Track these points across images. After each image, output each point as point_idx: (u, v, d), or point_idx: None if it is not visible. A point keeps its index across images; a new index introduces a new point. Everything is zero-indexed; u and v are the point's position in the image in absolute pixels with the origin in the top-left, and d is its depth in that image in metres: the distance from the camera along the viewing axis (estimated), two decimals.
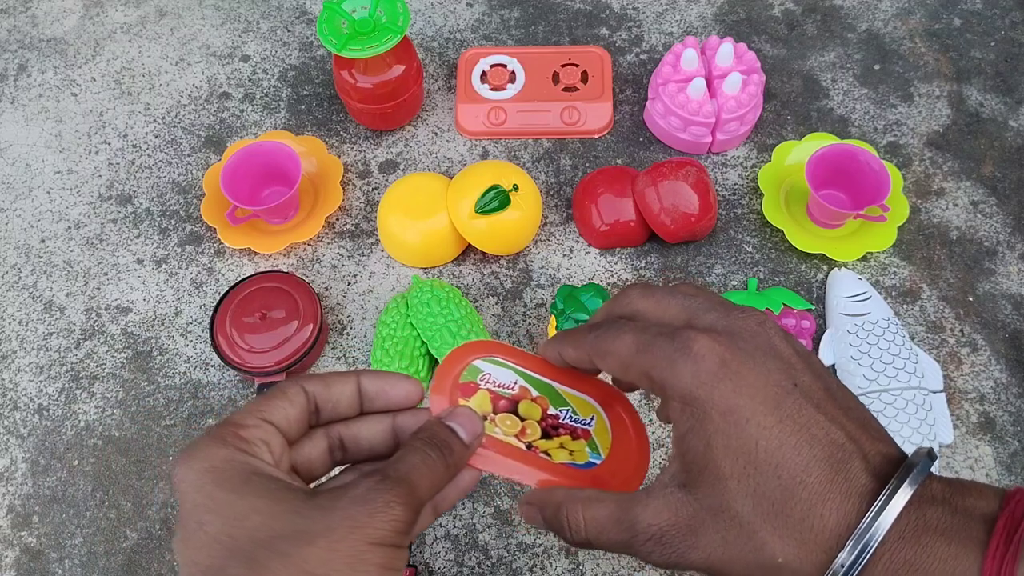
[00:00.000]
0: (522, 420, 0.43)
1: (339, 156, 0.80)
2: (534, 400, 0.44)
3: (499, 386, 0.43)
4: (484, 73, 0.82)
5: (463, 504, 0.64)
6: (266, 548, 0.28)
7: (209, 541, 0.29)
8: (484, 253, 0.74)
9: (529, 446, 0.42)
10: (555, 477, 0.41)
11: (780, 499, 0.29)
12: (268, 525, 0.29)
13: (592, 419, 0.44)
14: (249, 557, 0.28)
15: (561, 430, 0.43)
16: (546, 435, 0.42)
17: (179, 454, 0.31)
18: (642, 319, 0.36)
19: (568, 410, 0.44)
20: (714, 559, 0.31)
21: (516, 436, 0.42)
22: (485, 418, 0.42)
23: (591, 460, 0.42)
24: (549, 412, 0.43)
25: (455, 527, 0.63)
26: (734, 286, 0.72)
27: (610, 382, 0.44)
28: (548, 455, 0.42)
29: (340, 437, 0.36)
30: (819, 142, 0.74)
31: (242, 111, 0.83)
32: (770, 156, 0.76)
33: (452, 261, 0.74)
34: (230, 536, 0.29)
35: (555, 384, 0.44)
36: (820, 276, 0.72)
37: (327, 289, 0.74)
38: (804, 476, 0.29)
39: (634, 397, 0.65)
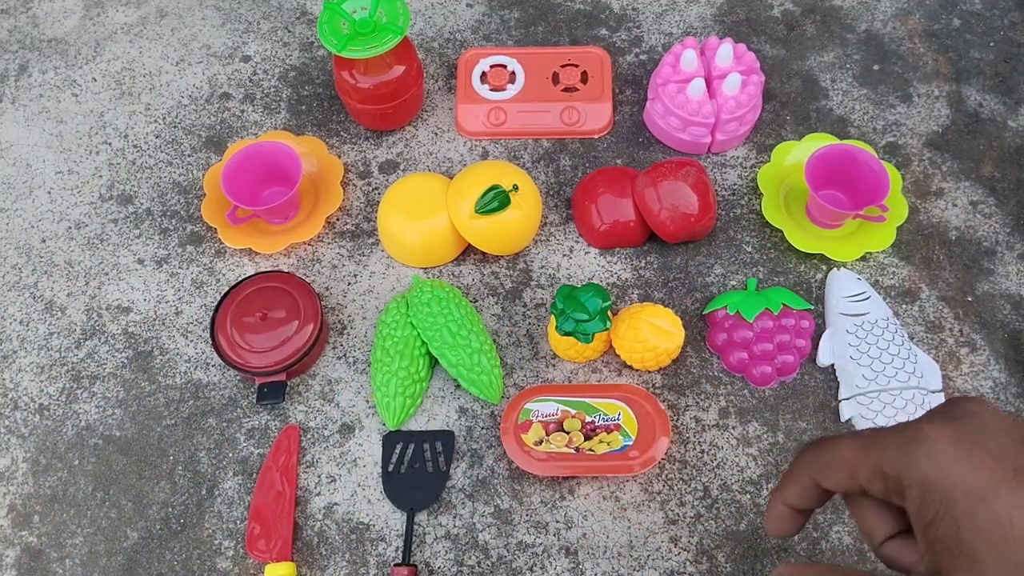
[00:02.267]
0: (568, 433, 0.63)
1: (339, 156, 0.80)
2: (574, 416, 0.64)
3: (546, 416, 0.64)
4: (484, 73, 0.82)
5: (463, 504, 0.64)
6: None
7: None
8: (484, 253, 0.74)
9: (577, 449, 0.63)
10: (601, 464, 0.61)
11: None
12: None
13: (619, 415, 0.64)
14: None
15: (598, 430, 0.63)
16: (588, 437, 0.63)
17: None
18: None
19: (599, 414, 0.64)
20: None
21: (566, 445, 0.63)
22: (541, 441, 0.63)
23: (624, 444, 0.63)
24: (586, 420, 0.64)
25: (455, 527, 0.64)
26: (733, 286, 0.72)
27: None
28: (593, 451, 0.63)
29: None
30: (818, 142, 0.74)
31: (243, 111, 0.84)
32: (769, 156, 0.77)
33: (452, 261, 0.75)
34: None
35: (586, 399, 0.65)
36: (819, 276, 0.72)
37: (327, 289, 0.74)
38: None
39: (655, 382, 0.65)
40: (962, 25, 0.86)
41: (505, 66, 0.82)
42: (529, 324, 0.72)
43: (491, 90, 0.81)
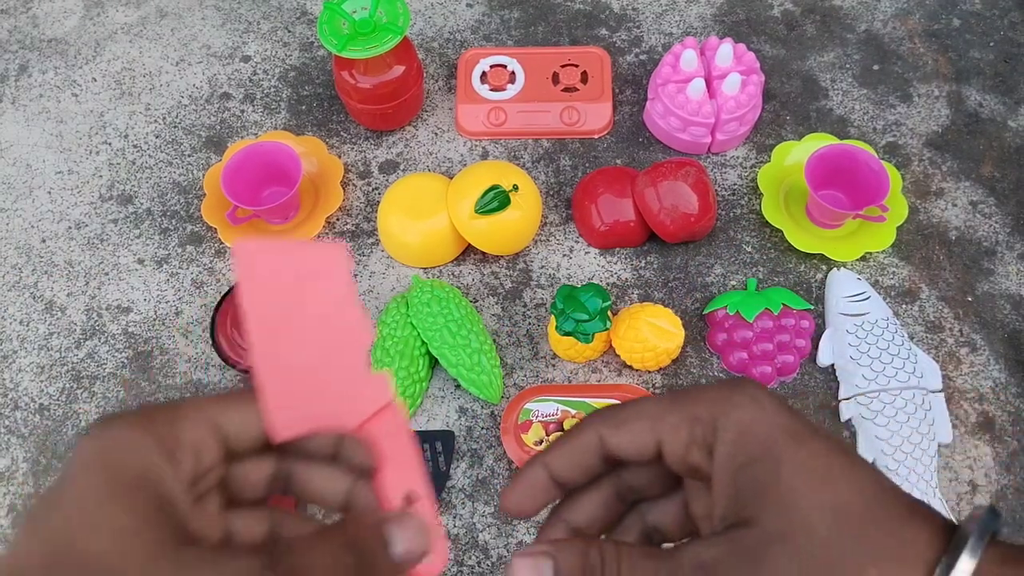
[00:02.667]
0: None
1: (339, 156, 0.80)
2: (574, 416, 0.63)
3: (546, 416, 0.64)
4: (484, 73, 0.82)
5: (463, 504, 0.64)
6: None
7: (47, 537, 0.24)
8: (484, 253, 0.74)
9: None
10: None
11: (864, 512, 0.25)
12: (113, 555, 0.23)
13: None
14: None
15: None
16: None
17: (99, 419, 0.26)
18: None
19: None
20: None
21: None
22: (541, 441, 0.62)
23: None
24: None
25: (455, 527, 0.64)
26: (733, 286, 0.72)
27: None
28: None
29: (290, 472, 0.30)
30: (818, 142, 0.74)
31: (243, 111, 0.84)
32: (769, 156, 0.77)
33: (452, 261, 0.75)
34: (69, 545, 0.23)
35: (586, 399, 0.65)
36: (819, 276, 0.72)
37: None
38: (886, 498, 0.26)
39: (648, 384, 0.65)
40: (962, 25, 0.86)
41: (505, 66, 0.82)
42: (529, 324, 0.72)
43: (491, 90, 0.81)
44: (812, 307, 0.70)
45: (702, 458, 0.28)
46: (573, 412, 0.64)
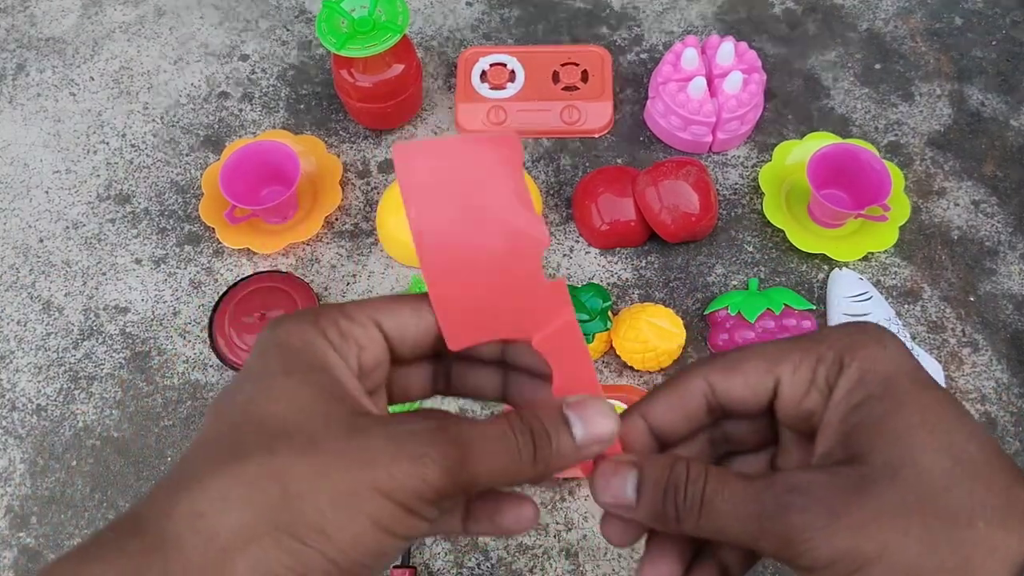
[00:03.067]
0: None
1: (338, 155, 0.79)
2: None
3: None
4: (484, 72, 0.81)
5: None
6: (263, 437, 0.24)
7: (229, 410, 0.25)
8: None
9: None
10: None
11: (982, 466, 0.25)
12: (285, 418, 0.24)
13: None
14: (239, 440, 0.24)
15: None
16: None
17: (273, 319, 0.28)
18: None
19: None
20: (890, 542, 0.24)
21: None
22: None
23: None
24: None
25: None
26: (735, 286, 0.72)
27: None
28: None
29: (448, 372, 0.31)
30: (820, 141, 0.74)
31: (241, 110, 0.83)
32: (771, 155, 0.76)
33: None
34: (246, 412, 0.25)
35: None
36: (821, 276, 0.72)
37: (326, 289, 0.73)
38: (1001, 457, 0.25)
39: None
40: (964, 24, 0.85)
41: (505, 65, 0.82)
42: None
43: (491, 89, 0.80)
44: (814, 307, 0.70)
45: (818, 402, 0.27)
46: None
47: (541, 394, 0.30)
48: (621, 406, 0.63)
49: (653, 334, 0.64)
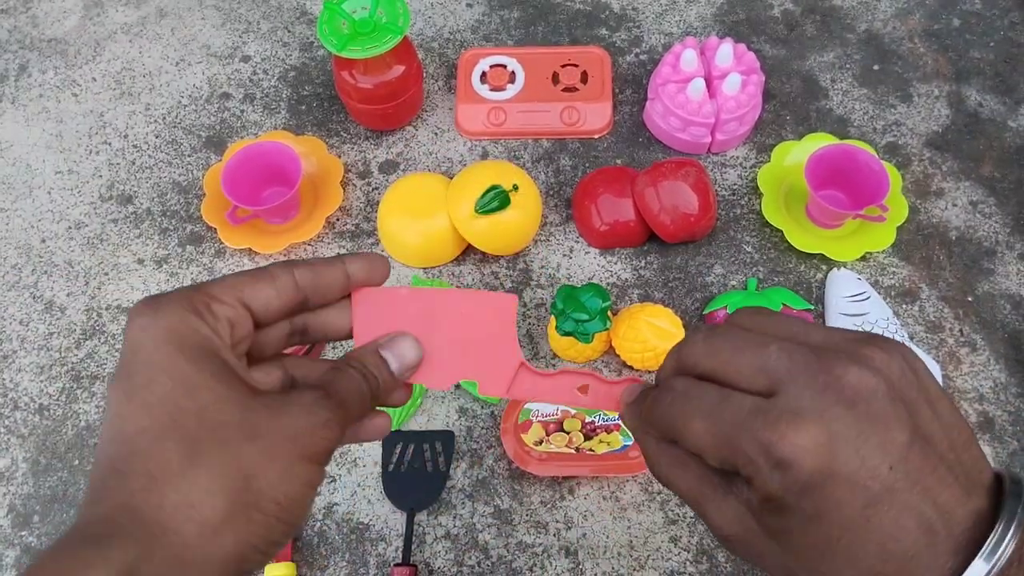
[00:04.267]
0: (568, 433, 0.63)
1: (339, 156, 0.80)
2: (573, 416, 0.63)
3: (546, 416, 0.64)
4: (484, 73, 0.82)
5: (463, 504, 0.64)
6: (208, 431, 0.28)
7: (155, 403, 0.28)
8: (484, 253, 0.74)
9: (578, 449, 0.63)
10: (602, 463, 0.61)
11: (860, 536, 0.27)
12: (217, 408, 0.29)
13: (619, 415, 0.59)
14: (189, 435, 0.28)
15: (598, 430, 0.63)
16: (588, 437, 0.63)
17: (141, 304, 0.30)
18: (713, 380, 0.30)
19: (599, 414, 0.64)
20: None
21: (566, 445, 0.63)
22: (541, 441, 0.62)
23: (624, 443, 0.63)
24: (586, 421, 0.63)
25: (455, 527, 0.64)
26: (733, 286, 0.72)
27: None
28: (593, 451, 0.62)
29: (305, 324, 0.36)
30: (818, 142, 0.74)
31: (242, 111, 0.84)
32: (769, 156, 0.77)
33: (452, 261, 0.75)
34: (177, 406, 0.28)
35: None
36: (819, 276, 0.72)
37: None
38: (899, 536, 0.26)
39: None
40: (962, 25, 0.86)
41: (505, 66, 0.82)
42: (529, 324, 0.72)
43: (491, 90, 0.81)
44: (812, 307, 0.70)
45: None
46: (573, 412, 0.64)
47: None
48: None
49: (652, 334, 0.64)
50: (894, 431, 0.27)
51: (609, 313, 0.64)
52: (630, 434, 0.36)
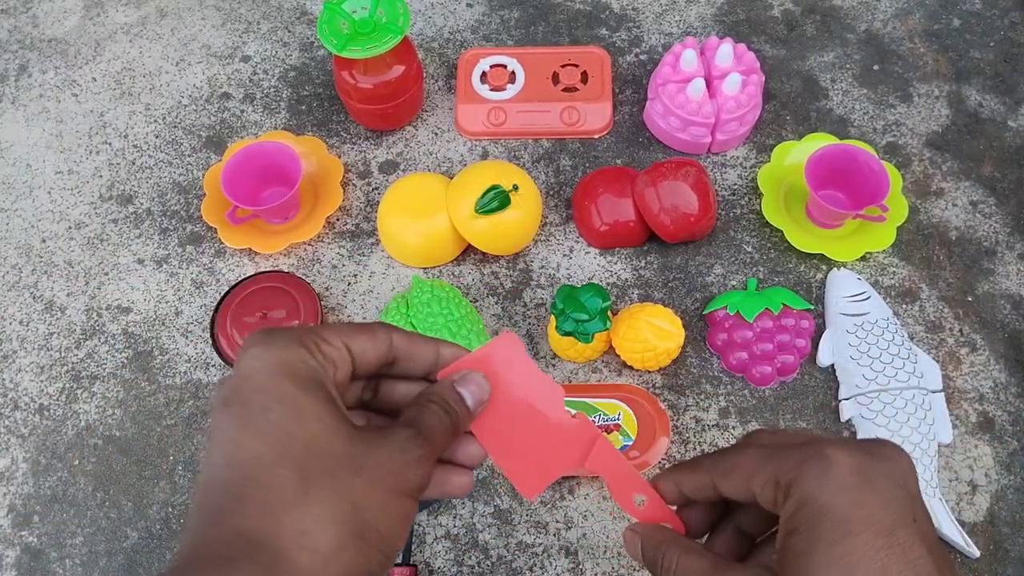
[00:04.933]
0: None
1: (339, 156, 0.80)
2: (574, 416, 0.55)
3: None
4: (484, 73, 0.82)
5: (463, 504, 0.64)
6: (318, 461, 0.29)
7: (270, 430, 0.29)
8: (484, 253, 0.74)
9: None
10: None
11: None
12: (326, 439, 0.30)
13: (619, 415, 0.63)
14: (301, 464, 0.29)
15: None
16: None
17: (255, 336, 0.32)
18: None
19: (599, 414, 0.63)
20: None
21: None
22: None
23: (624, 444, 0.62)
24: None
25: (455, 526, 0.64)
26: (733, 286, 0.72)
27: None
28: None
29: (378, 386, 0.37)
30: (818, 142, 0.74)
31: (242, 111, 0.84)
32: (769, 156, 0.77)
33: (452, 261, 0.75)
34: (290, 434, 0.29)
35: (586, 399, 0.64)
36: (819, 276, 0.72)
37: (327, 289, 0.74)
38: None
39: (656, 382, 0.65)
40: (962, 25, 0.86)
41: (505, 66, 0.82)
42: (529, 324, 0.72)
43: (491, 90, 0.81)
44: (812, 307, 0.70)
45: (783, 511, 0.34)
46: (573, 412, 0.64)
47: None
48: (621, 406, 0.64)
49: (652, 334, 0.64)
50: (918, 501, 0.32)
51: (609, 313, 0.64)
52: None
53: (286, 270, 0.73)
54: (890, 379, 0.65)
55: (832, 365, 0.68)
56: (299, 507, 0.29)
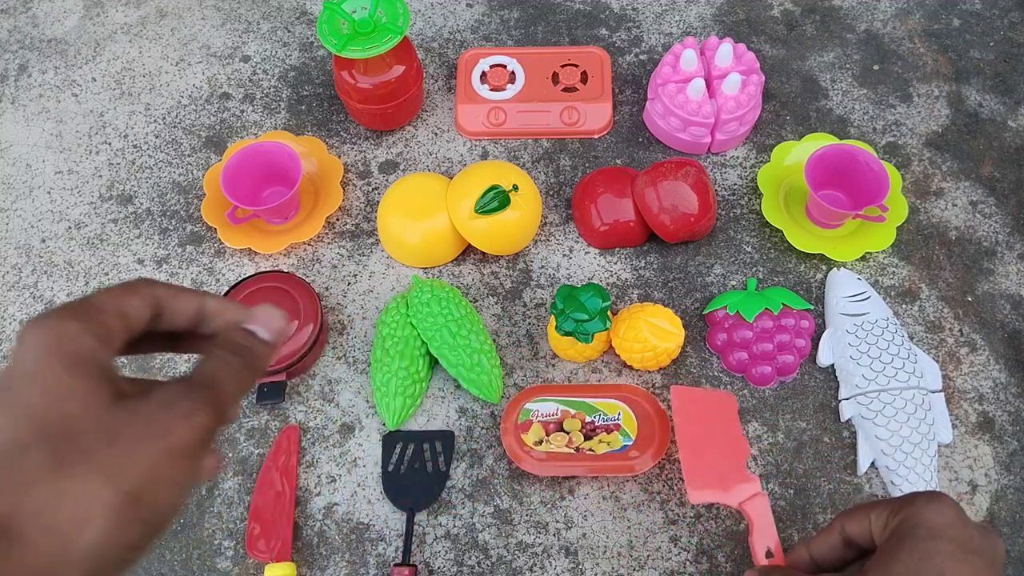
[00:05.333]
0: (568, 433, 0.63)
1: (339, 156, 0.80)
2: (573, 416, 0.64)
3: (546, 416, 0.64)
4: (484, 73, 0.82)
5: (463, 504, 0.64)
6: (71, 442, 0.29)
7: (24, 412, 0.29)
8: (484, 253, 0.74)
9: (577, 449, 0.63)
10: (602, 463, 0.62)
11: None
12: (81, 417, 0.29)
13: (619, 415, 0.64)
14: (54, 447, 0.28)
15: (598, 430, 0.63)
16: (588, 437, 0.63)
17: (34, 318, 0.31)
18: None
19: (599, 414, 0.64)
20: None
21: (566, 445, 0.63)
22: (541, 441, 0.63)
23: (624, 443, 0.63)
24: (586, 421, 0.64)
25: (455, 527, 0.64)
26: (733, 286, 0.72)
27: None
28: (593, 451, 0.63)
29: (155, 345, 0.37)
30: (818, 142, 0.74)
31: (242, 111, 0.84)
32: (769, 156, 0.77)
33: (452, 261, 0.75)
34: (44, 417, 0.29)
35: (586, 399, 0.65)
36: (819, 276, 0.72)
37: (327, 289, 0.74)
38: None
39: (655, 382, 0.65)
40: (962, 25, 0.86)
41: (505, 66, 0.82)
42: (529, 324, 0.72)
43: (491, 90, 0.81)
44: (812, 307, 0.70)
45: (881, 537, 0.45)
46: (573, 412, 0.64)
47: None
48: (621, 406, 0.64)
49: (652, 334, 0.64)
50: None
51: (609, 313, 0.64)
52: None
53: (286, 270, 0.73)
54: (890, 379, 0.65)
55: (832, 365, 0.68)
56: (44, 487, 0.28)
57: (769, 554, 0.51)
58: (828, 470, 0.64)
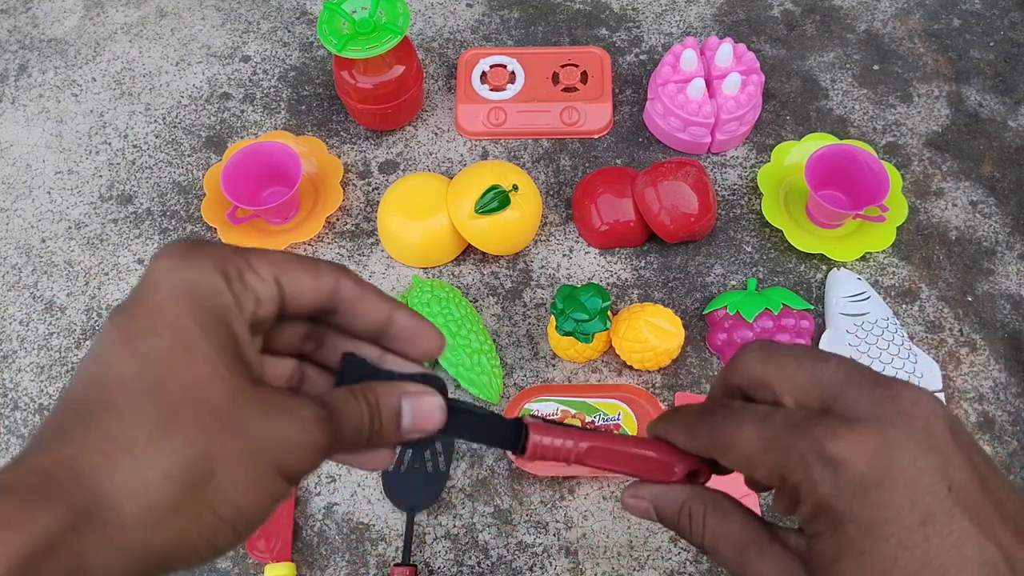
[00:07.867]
0: None
1: (339, 156, 0.80)
2: (573, 416, 0.64)
3: (546, 416, 0.63)
4: (484, 73, 0.82)
5: (463, 503, 0.64)
6: (191, 408, 0.25)
7: (150, 355, 0.25)
8: (484, 253, 0.74)
9: None
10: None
11: None
12: (209, 385, 0.26)
13: (619, 415, 0.64)
14: (170, 404, 0.25)
15: (598, 430, 0.55)
16: None
17: (175, 245, 0.27)
18: (764, 396, 0.31)
19: (599, 414, 0.64)
20: None
21: None
22: None
23: None
24: (586, 421, 0.63)
25: (455, 527, 0.64)
26: (733, 286, 0.72)
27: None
28: None
29: (323, 336, 0.33)
30: (818, 142, 0.74)
31: (242, 111, 0.84)
32: (769, 156, 0.77)
33: (452, 261, 0.75)
34: (169, 367, 0.25)
35: (586, 399, 0.64)
36: (819, 276, 0.72)
37: None
38: (961, 569, 0.25)
39: (656, 382, 0.65)
40: (962, 25, 0.86)
41: (505, 66, 0.82)
42: (529, 324, 0.72)
43: (491, 90, 0.81)
44: (812, 307, 0.70)
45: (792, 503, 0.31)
46: (573, 412, 0.64)
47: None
48: (621, 406, 0.64)
49: (652, 334, 0.64)
50: (952, 457, 0.27)
51: (609, 313, 0.64)
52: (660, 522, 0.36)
53: None
54: None
55: None
56: (145, 452, 0.24)
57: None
58: None
